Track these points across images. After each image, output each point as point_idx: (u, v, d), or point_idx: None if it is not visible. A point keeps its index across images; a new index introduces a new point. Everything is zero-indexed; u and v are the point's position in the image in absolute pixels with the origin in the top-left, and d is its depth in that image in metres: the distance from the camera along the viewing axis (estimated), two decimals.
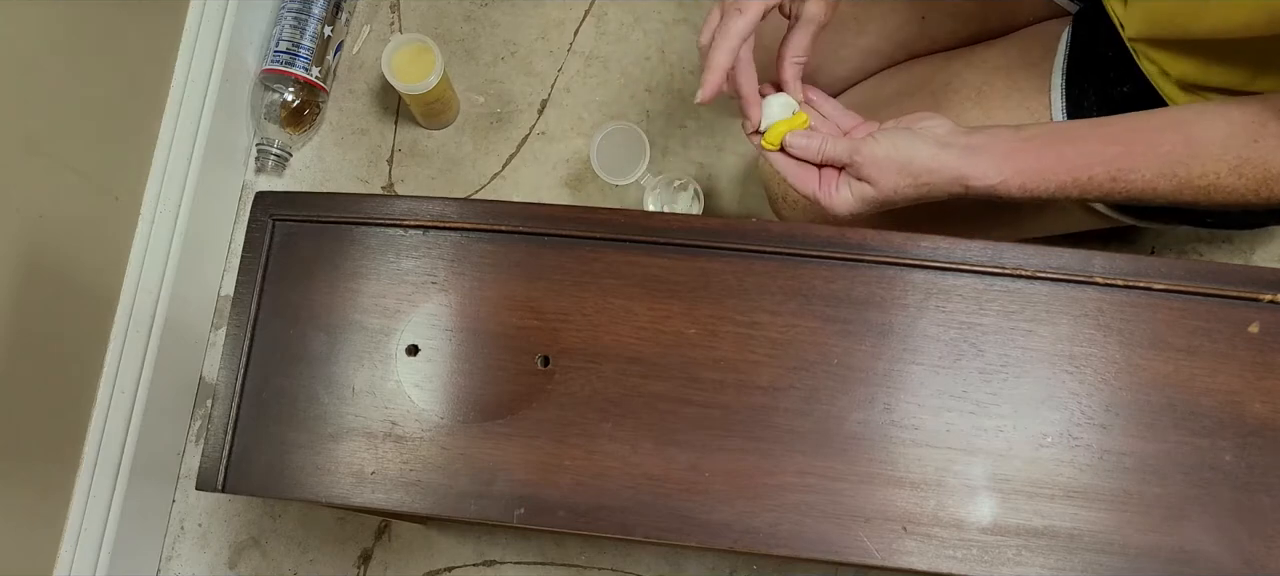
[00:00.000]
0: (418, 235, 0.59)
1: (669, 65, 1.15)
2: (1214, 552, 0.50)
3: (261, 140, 1.13)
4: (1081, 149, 0.58)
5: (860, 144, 0.60)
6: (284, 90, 1.11)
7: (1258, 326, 0.53)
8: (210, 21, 1.07)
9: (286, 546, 1.06)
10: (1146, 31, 0.67)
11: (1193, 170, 0.56)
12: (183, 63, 1.04)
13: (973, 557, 0.51)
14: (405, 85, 1.04)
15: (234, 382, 0.58)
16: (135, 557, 1.02)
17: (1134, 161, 0.57)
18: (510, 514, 0.54)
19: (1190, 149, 0.56)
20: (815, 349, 0.54)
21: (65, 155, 0.88)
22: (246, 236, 0.60)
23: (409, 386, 0.57)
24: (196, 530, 1.07)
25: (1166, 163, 0.56)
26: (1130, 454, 0.52)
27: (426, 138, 1.16)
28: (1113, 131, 0.58)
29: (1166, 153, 0.56)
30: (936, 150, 0.59)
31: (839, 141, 0.62)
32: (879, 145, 0.59)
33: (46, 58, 0.85)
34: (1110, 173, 0.57)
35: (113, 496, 0.97)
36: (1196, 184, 0.56)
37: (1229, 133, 0.56)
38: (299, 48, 1.11)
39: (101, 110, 0.93)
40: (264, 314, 0.59)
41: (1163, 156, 0.56)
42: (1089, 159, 0.58)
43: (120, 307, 0.97)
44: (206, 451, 0.57)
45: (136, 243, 0.99)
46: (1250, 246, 1.06)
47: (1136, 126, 0.58)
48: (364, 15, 1.21)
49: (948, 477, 0.52)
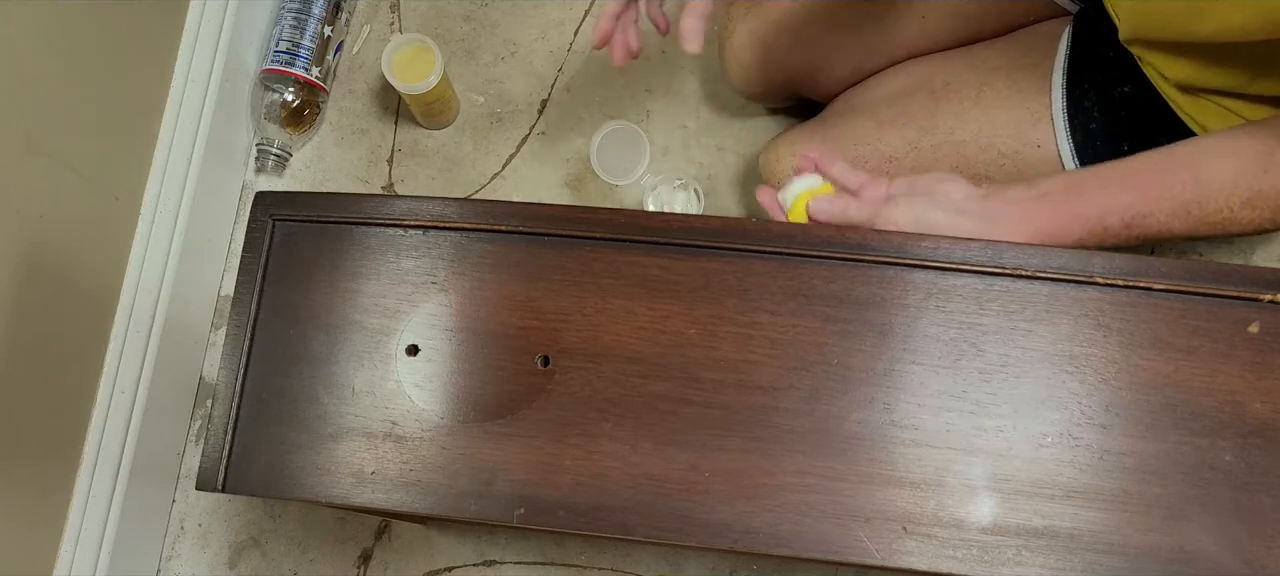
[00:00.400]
0: (418, 235, 0.59)
1: (669, 65, 1.15)
2: (1214, 552, 0.50)
3: (261, 140, 1.13)
4: (1095, 200, 0.59)
5: (881, 211, 0.61)
6: (284, 90, 1.11)
7: (1258, 326, 0.53)
8: (210, 21, 1.07)
9: (286, 546, 1.06)
10: (1140, 33, 0.67)
11: (1207, 209, 0.57)
12: (183, 62, 1.04)
13: (973, 557, 0.51)
14: (405, 85, 1.04)
15: (234, 382, 0.58)
16: (135, 557, 1.02)
17: (1148, 206, 0.58)
18: (510, 514, 0.54)
19: (1201, 189, 0.57)
20: (815, 349, 0.54)
21: (65, 155, 0.88)
22: (246, 236, 0.60)
23: (409, 386, 0.57)
24: (196, 530, 1.07)
25: (1180, 204, 0.57)
26: (1130, 454, 0.52)
27: (426, 138, 1.16)
28: (1126, 177, 0.59)
29: (1178, 193, 0.57)
30: (955, 218, 0.60)
31: (861, 205, 0.63)
32: (899, 211, 0.60)
33: (46, 58, 0.85)
34: (1125, 220, 0.58)
35: (113, 496, 0.97)
36: (1211, 221, 0.57)
37: (1238, 168, 0.57)
38: (299, 47, 1.11)
39: (101, 110, 0.93)
40: (264, 314, 0.59)
41: (1175, 199, 0.58)
42: (1104, 209, 0.59)
43: (120, 307, 0.97)
44: (206, 451, 0.57)
45: (136, 242, 0.99)
46: (1250, 246, 1.06)
47: (1148, 169, 0.59)
48: (364, 15, 1.21)
49: (948, 477, 0.52)
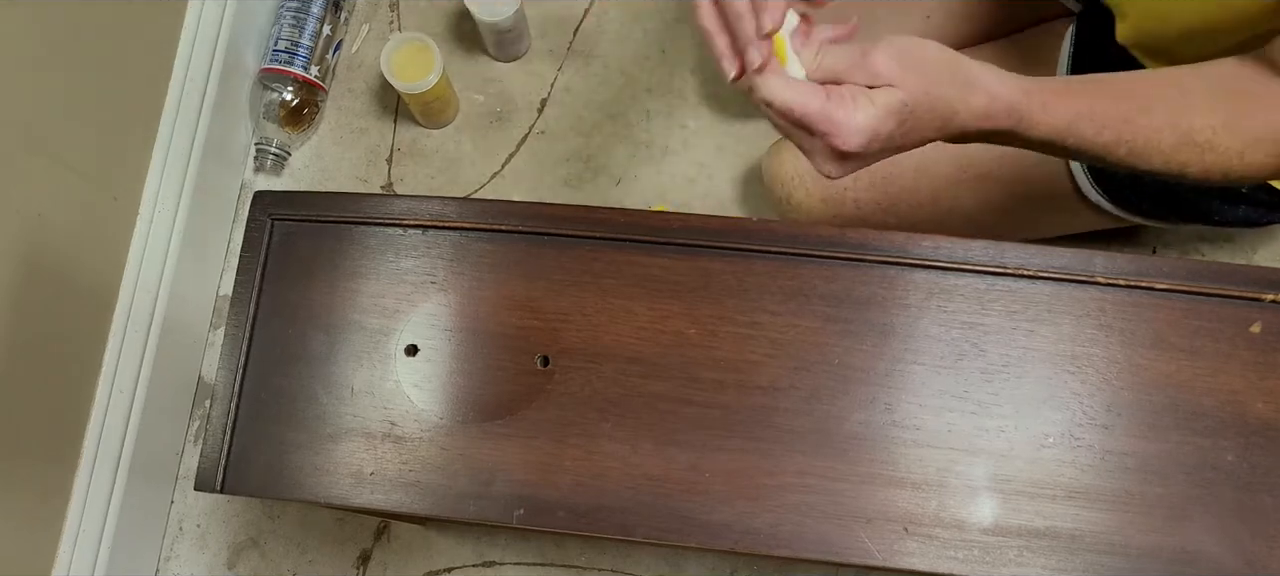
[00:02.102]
0: (417, 235, 0.59)
1: (669, 65, 1.15)
2: (1216, 553, 0.50)
3: (260, 139, 1.13)
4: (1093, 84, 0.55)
5: (867, 47, 0.51)
6: (283, 89, 1.11)
7: (1260, 326, 0.53)
8: (209, 20, 1.07)
9: (285, 547, 1.06)
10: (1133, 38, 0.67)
11: (1195, 123, 0.53)
12: (181, 61, 1.04)
13: (974, 558, 0.50)
14: (404, 84, 1.04)
15: (233, 382, 0.58)
16: (134, 558, 1.01)
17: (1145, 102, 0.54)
18: (510, 514, 0.53)
19: (1185, 99, 0.54)
20: (816, 349, 0.54)
21: (64, 154, 0.88)
22: (245, 236, 0.60)
23: (408, 386, 0.56)
24: (195, 530, 1.07)
25: (1169, 111, 0.54)
26: (1132, 454, 0.51)
27: (426, 137, 1.16)
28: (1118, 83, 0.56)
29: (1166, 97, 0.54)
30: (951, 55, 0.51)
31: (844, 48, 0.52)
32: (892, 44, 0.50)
33: (45, 57, 0.85)
34: (1123, 113, 0.53)
35: (111, 496, 0.96)
36: (1197, 140, 0.54)
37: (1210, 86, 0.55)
38: (298, 46, 1.11)
39: (100, 109, 0.93)
40: (263, 313, 0.59)
41: (1165, 101, 0.54)
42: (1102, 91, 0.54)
43: (119, 307, 0.97)
44: (205, 451, 0.57)
45: (135, 242, 0.99)
46: (1253, 246, 1.06)
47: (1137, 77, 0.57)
48: (363, 14, 1.21)
49: (949, 478, 0.52)
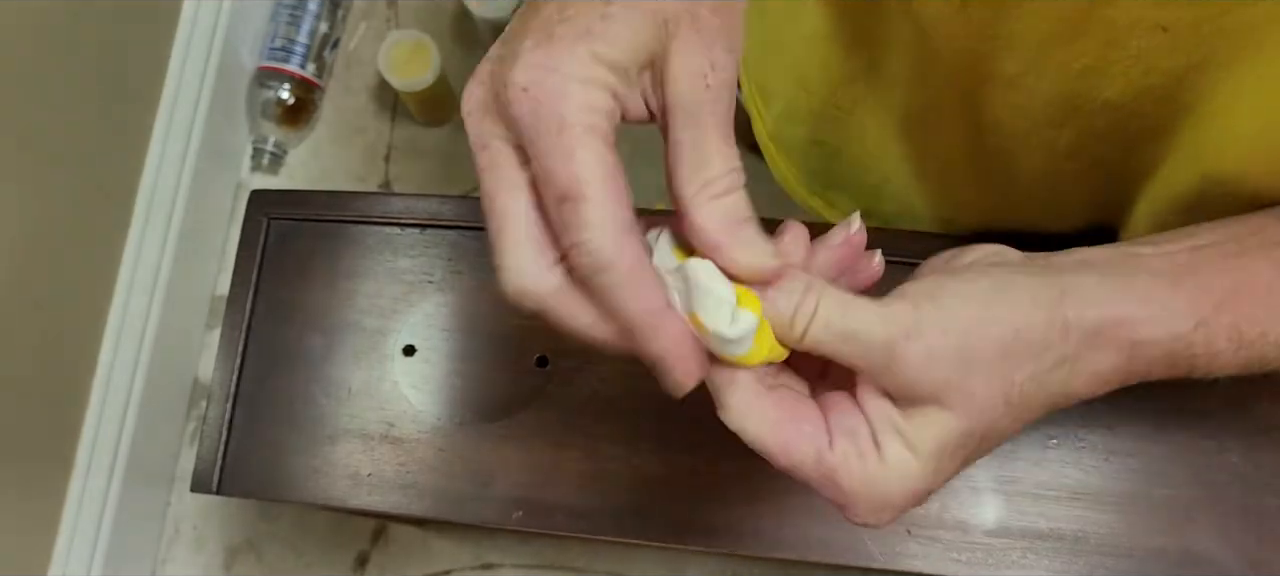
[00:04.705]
0: (415, 234, 0.59)
1: None
2: (1221, 555, 0.49)
3: (257, 138, 1.13)
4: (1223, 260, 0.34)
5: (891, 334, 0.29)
6: (279, 87, 1.11)
7: None
8: (205, 17, 1.06)
9: (282, 549, 1.06)
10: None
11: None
12: (177, 59, 1.04)
13: (977, 560, 0.50)
14: (402, 82, 1.04)
15: (229, 383, 0.57)
16: (130, 561, 1.01)
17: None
18: (508, 516, 0.53)
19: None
20: None
21: (57, 152, 0.87)
22: (241, 235, 0.60)
23: (406, 387, 0.56)
24: (191, 533, 1.07)
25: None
26: (1136, 455, 0.51)
27: (424, 135, 1.16)
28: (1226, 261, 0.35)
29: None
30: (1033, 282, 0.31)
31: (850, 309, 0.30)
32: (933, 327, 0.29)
33: (39, 54, 0.85)
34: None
35: (107, 499, 0.96)
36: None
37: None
38: (294, 44, 1.10)
39: (95, 107, 0.92)
40: (259, 314, 0.58)
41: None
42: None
43: (114, 307, 0.96)
44: (201, 453, 0.57)
45: (130, 241, 0.98)
46: None
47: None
48: (360, 11, 1.20)
49: (952, 479, 0.51)
